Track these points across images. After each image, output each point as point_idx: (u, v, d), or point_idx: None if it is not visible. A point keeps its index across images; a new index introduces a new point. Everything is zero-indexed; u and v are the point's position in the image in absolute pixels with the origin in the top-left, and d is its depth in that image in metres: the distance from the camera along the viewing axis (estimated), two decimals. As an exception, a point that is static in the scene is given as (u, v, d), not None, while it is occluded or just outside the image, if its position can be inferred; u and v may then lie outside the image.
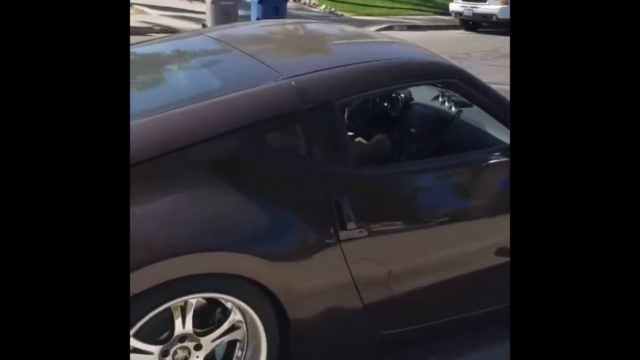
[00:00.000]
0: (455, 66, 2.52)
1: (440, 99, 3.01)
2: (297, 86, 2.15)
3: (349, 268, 2.09)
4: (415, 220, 2.26)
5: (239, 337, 2.05)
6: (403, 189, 2.31)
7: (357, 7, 15.56)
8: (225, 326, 2.00)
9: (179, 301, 1.86)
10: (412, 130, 2.96)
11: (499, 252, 2.41)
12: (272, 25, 3.76)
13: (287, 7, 11.11)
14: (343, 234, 2.06)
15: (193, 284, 1.86)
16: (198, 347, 1.96)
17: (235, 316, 2.00)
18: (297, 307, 2.04)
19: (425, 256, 2.31)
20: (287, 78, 2.18)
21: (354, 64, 2.37)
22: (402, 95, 3.12)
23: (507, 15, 13.98)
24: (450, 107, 2.93)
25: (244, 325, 2.02)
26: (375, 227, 2.14)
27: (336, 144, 2.17)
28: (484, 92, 2.45)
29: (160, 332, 1.91)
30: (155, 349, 1.89)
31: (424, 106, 3.05)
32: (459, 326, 2.48)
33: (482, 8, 13.99)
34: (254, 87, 2.15)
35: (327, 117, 2.16)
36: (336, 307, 2.14)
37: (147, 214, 1.81)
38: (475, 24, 14.53)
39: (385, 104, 3.16)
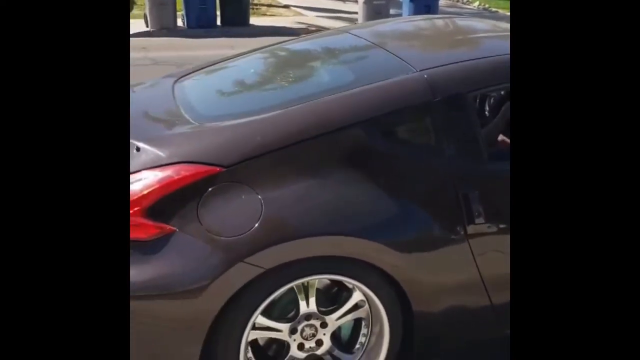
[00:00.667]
0: None
1: None
2: (429, 79, 2.20)
3: (476, 263, 2.10)
4: None
5: (362, 315, 2.13)
6: None
7: (513, 3, 15.00)
8: (349, 305, 2.09)
9: (308, 279, 1.99)
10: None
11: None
12: (414, 21, 3.84)
13: (439, 4, 11.07)
14: (471, 229, 2.07)
15: (321, 265, 1.98)
16: (324, 325, 2.08)
17: (357, 295, 2.08)
18: (422, 298, 2.07)
19: None
20: (420, 71, 2.24)
21: (488, 57, 2.39)
22: None
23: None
24: None
25: (367, 304, 2.10)
26: (506, 223, 2.13)
27: (466, 136, 2.18)
28: None
29: (287, 311, 2.06)
30: (284, 326, 2.04)
31: None
32: None
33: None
34: (387, 79, 2.23)
35: (458, 109, 2.20)
36: (462, 302, 2.15)
37: (282, 198, 1.96)
38: None
39: None
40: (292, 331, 2.06)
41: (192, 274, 1.87)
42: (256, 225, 1.90)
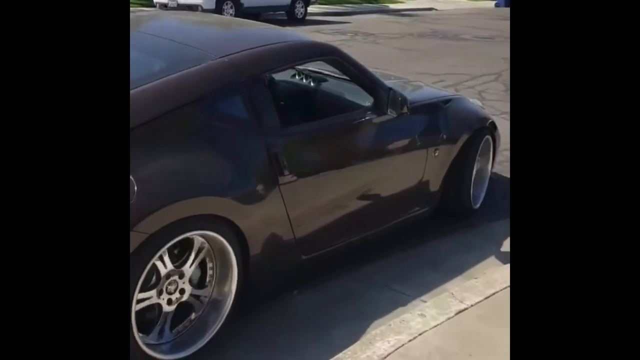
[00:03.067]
0: (334, 46, 3.23)
1: (297, 77, 3.74)
2: (229, 63, 2.64)
3: (285, 205, 2.62)
4: (324, 164, 2.87)
5: (205, 256, 2.44)
6: (313, 142, 2.89)
7: None
8: (194, 252, 2.39)
9: (181, 238, 2.27)
10: (282, 103, 3.40)
11: (383, 182, 3.23)
12: (168, 16, 4.74)
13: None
14: (280, 180, 2.60)
15: (189, 224, 2.27)
16: (181, 276, 2.38)
17: (198, 241, 2.39)
18: (254, 237, 2.51)
19: (333, 192, 2.93)
20: (219, 58, 2.64)
21: (269, 44, 2.92)
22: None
23: (212, 6, 14.23)
24: (309, 82, 3.67)
25: (207, 244, 2.42)
26: (303, 174, 2.72)
27: (266, 108, 2.67)
28: (355, 65, 3.14)
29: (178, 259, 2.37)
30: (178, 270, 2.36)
31: (287, 82, 3.71)
32: (363, 244, 3.22)
33: (187, -1, 14.00)
34: (197, 65, 2.57)
35: (257, 87, 2.68)
36: (278, 235, 2.65)
37: (146, 171, 2.19)
38: (181, 15, 14.46)
39: None
40: (159, 292, 2.32)
41: None
42: (134, 197, 2.09)
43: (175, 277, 2.35)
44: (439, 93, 4.08)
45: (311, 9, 17.16)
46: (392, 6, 21.40)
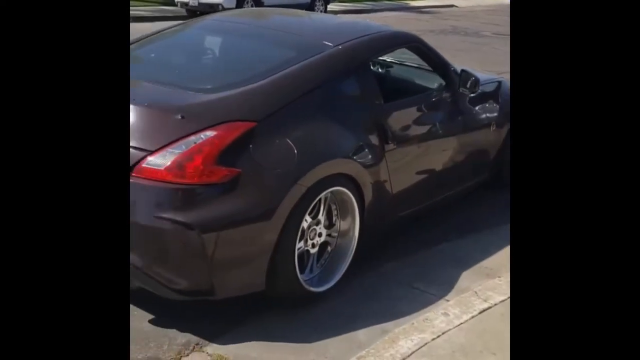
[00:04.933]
0: (417, 35, 3.76)
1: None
2: (344, 51, 3.17)
3: (387, 167, 3.13)
4: (415, 134, 3.41)
5: (330, 202, 2.92)
6: (407, 116, 3.41)
7: None
8: (323, 203, 2.87)
9: (325, 193, 2.78)
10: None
11: (458, 151, 3.76)
12: (271, 12, 5.32)
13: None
14: (386, 147, 3.13)
15: (330, 180, 2.76)
16: (320, 235, 2.91)
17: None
18: (368, 193, 3.01)
19: (422, 159, 3.46)
20: (335, 46, 3.15)
21: (369, 34, 3.46)
22: None
23: (233, 5, 14.27)
24: (377, 68, 4.24)
25: (329, 194, 2.86)
26: (402, 143, 3.26)
27: (373, 88, 3.21)
28: (432, 51, 3.71)
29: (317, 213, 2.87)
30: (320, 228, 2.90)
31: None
32: (444, 204, 3.82)
33: (208, -2, 14.05)
34: (320, 53, 3.10)
35: (366, 70, 3.27)
36: (382, 190, 3.13)
37: (300, 136, 2.69)
38: (202, 14, 14.51)
39: None
40: (306, 241, 2.84)
41: (267, 199, 2.53)
42: (295, 157, 2.62)
43: (314, 226, 2.84)
44: (487, 75, 4.49)
45: (331, 6, 17.13)
46: (413, 3, 21.28)
